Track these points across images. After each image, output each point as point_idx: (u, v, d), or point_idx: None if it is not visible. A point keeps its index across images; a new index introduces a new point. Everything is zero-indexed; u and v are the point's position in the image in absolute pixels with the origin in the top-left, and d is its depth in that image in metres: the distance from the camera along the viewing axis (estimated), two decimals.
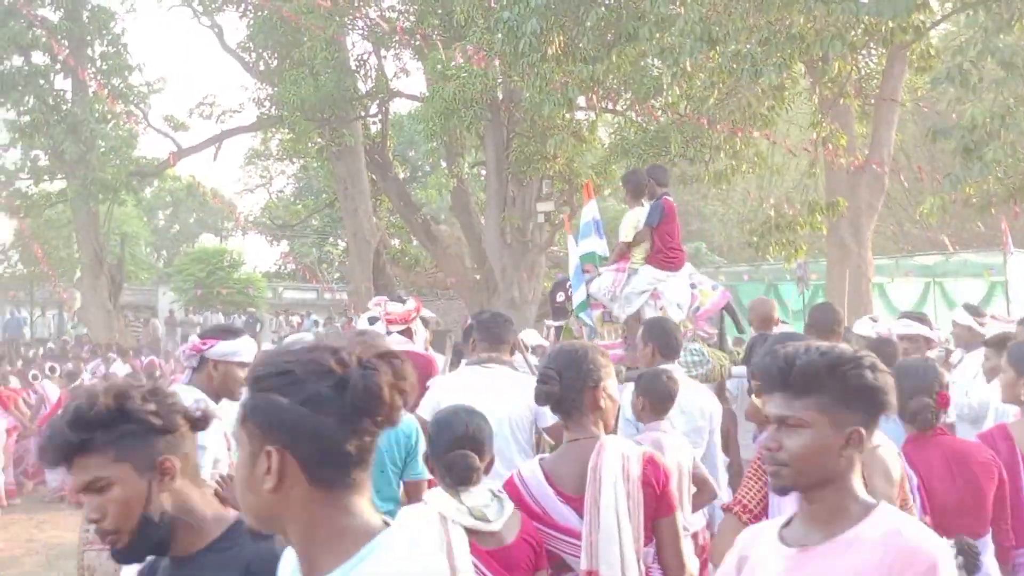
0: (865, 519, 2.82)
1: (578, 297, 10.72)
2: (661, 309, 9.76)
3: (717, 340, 10.18)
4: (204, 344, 5.83)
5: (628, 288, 10.06)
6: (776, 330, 9.15)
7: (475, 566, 3.96)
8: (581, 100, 20.78)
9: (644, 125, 22.22)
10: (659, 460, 4.38)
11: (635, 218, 10.26)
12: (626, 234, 10.31)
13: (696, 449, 6.59)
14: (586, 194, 12.05)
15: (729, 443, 7.48)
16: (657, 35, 16.77)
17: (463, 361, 7.16)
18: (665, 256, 10.06)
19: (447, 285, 32.61)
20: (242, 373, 5.76)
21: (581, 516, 4.20)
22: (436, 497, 4.18)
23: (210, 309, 38.23)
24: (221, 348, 5.79)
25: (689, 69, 17.39)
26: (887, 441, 4.55)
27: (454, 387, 6.39)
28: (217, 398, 5.73)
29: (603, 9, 18.19)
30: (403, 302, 8.54)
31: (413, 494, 5.62)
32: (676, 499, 4.42)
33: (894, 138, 20.43)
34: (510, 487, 4.35)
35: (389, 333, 8.08)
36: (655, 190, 10.24)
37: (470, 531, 4.01)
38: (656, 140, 21.04)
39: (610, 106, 23.28)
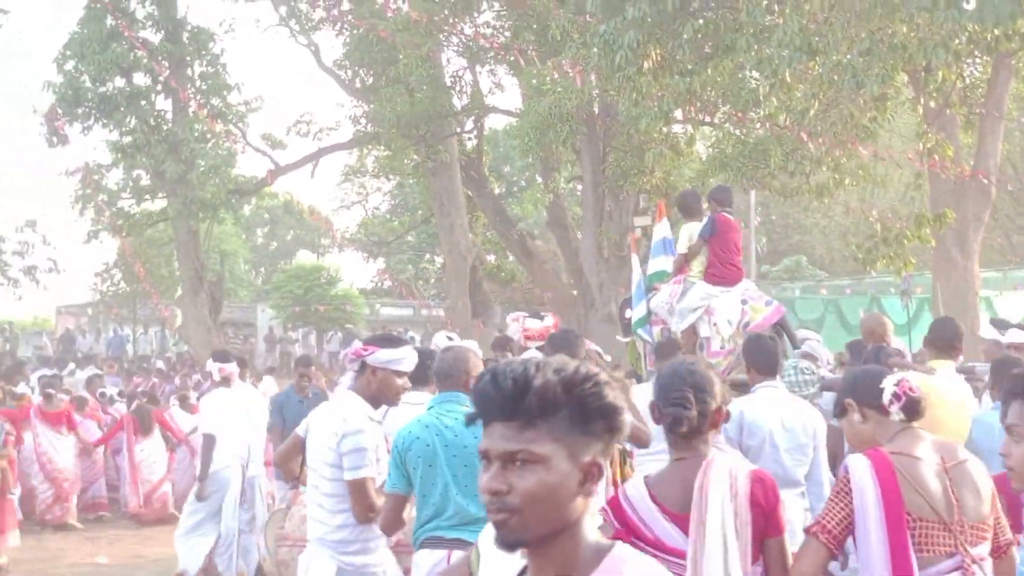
0: (596, 570, 2.40)
1: (637, 313, 11.02)
2: (714, 325, 10.03)
3: None
4: (365, 350, 6.12)
5: (682, 303, 10.29)
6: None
7: None
8: (678, 113, 20.72)
9: (742, 138, 22.05)
10: (768, 478, 4.34)
11: (691, 231, 10.60)
12: (683, 246, 10.69)
13: (800, 467, 6.56)
14: (658, 214, 12.19)
15: (837, 461, 7.42)
16: (755, 47, 16.67)
17: None
18: (719, 271, 10.24)
19: (543, 300, 32.59)
20: (400, 381, 6.17)
21: (687, 535, 4.14)
22: None
23: (308, 325, 38.64)
24: (381, 355, 6.08)
25: (788, 80, 17.25)
26: (974, 457, 4.51)
27: None
28: (376, 403, 6.17)
29: (700, 21, 18.10)
30: (541, 319, 8.94)
31: None
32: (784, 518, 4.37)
33: (1000, 148, 20.08)
34: (614, 504, 4.32)
35: (527, 348, 8.54)
36: (716, 209, 10.42)
37: None
38: (755, 153, 20.88)
39: (707, 119, 23.16)
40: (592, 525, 2.46)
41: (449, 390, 6.01)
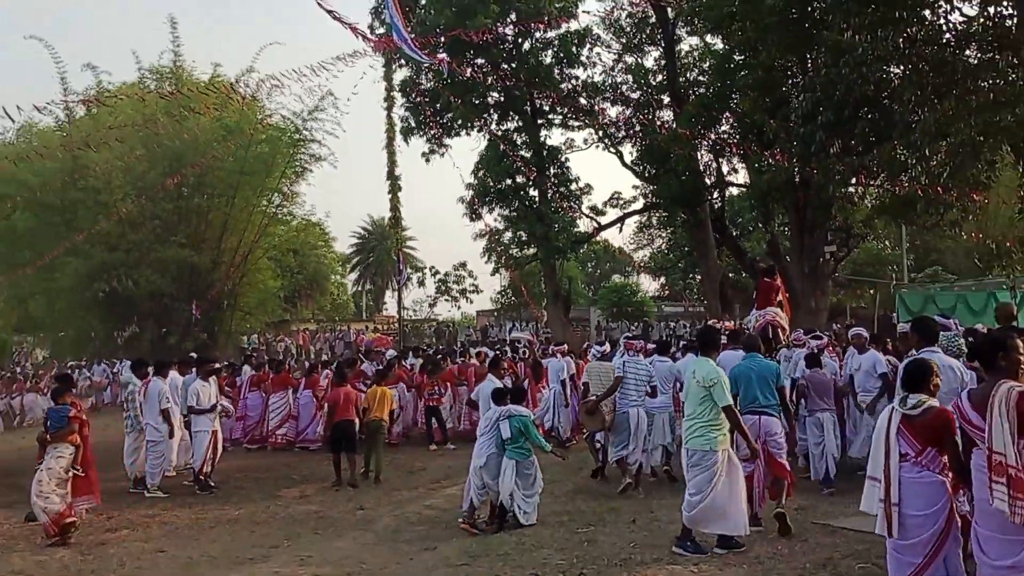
0: None
1: (751, 319, 12.80)
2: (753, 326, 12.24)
3: None
4: None
5: (750, 319, 12.68)
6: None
7: (902, 430, 4.59)
8: (853, 180, 19.66)
9: (897, 193, 20.62)
10: None
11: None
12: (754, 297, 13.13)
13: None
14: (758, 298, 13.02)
15: None
16: (905, 134, 15.72)
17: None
18: (758, 306, 12.54)
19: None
20: None
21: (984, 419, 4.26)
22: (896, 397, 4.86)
23: (622, 319, 38.75)
24: None
25: (927, 155, 16.11)
26: None
27: None
28: None
29: (866, 120, 17.23)
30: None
31: None
32: None
33: None
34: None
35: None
36: (761, 277, 13.01)
37: (904, 415, 4.64)
38: (905, 202, 19.45)
39: (872, 183, 21.79)
40: None
41: (753, 352, 7.84)
